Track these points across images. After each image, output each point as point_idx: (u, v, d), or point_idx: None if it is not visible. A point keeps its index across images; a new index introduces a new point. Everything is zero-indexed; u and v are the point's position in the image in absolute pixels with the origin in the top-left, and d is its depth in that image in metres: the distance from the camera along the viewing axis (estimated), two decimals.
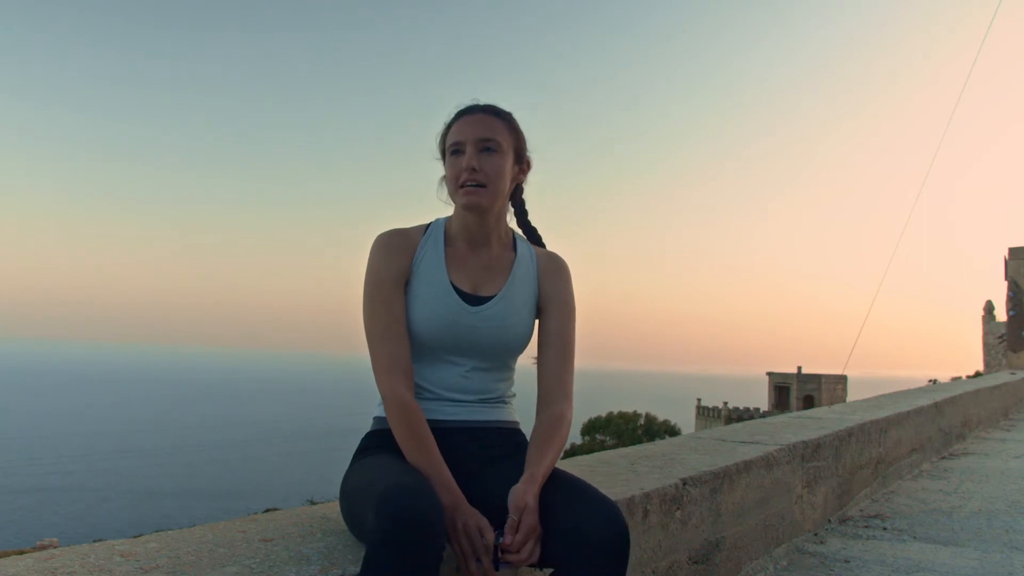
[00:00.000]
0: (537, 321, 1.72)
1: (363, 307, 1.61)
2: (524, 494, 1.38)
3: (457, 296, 1.62)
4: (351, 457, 1.64)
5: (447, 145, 1.64)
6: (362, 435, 1.67)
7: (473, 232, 1.66)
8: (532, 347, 1.73)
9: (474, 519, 1.37)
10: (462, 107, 1.66)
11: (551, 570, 1.37)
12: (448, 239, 1.68)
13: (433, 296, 1.61)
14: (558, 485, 1.46)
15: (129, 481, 75.36)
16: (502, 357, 1.66)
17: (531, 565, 1.42)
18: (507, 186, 1.65)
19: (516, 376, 1.75)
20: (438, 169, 1.68)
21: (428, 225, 1.70)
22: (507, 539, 1.34)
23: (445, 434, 1.59)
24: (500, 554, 1.34)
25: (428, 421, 1.58)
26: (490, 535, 1.35)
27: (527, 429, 1.67)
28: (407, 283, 1.63)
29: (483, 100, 1.67)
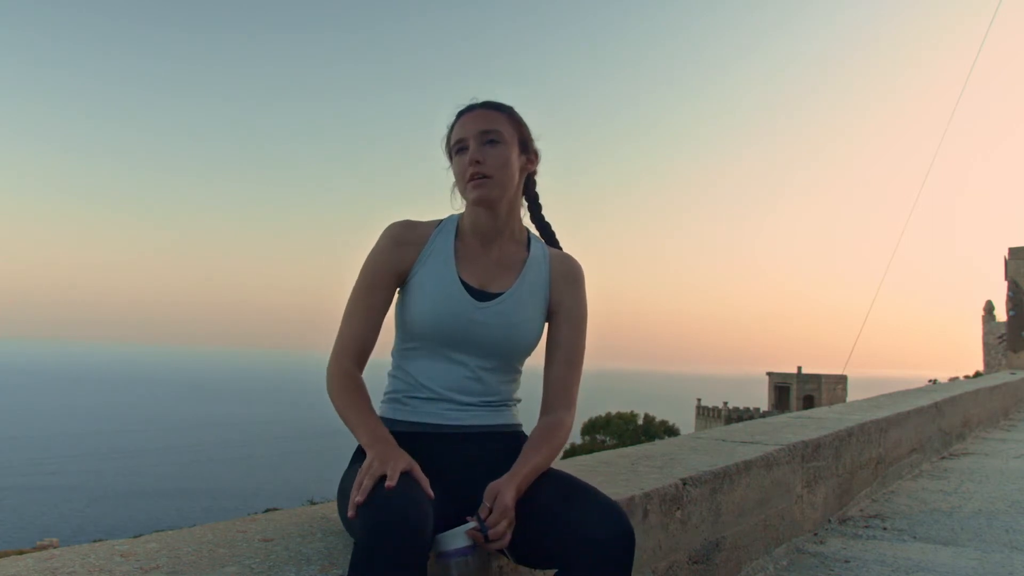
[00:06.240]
0: (547, 326, 1.69)
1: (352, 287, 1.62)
2: (499, 485, 1.38)
3: (464, 290, 1.59)
4: (350, 457, 1.63)
5: (451, 144, 1.63)
6: None
7: (484, 227, 1.63)
8: (541, 348, 1.69)
9: (403, 461, 1.33)
10: (462, 107, 1.65)
11: (554, 571, 1.36)
12: (459, 234, 1.66)
13: (439, 289, 1.58)
14: (559, 486, 1.44)
15: (129, 481, 75.32)
16: (508, 357, 1.63)
17: (535, 566, 1.42)
18: (515, 176, 1.62)
19: (523, 381, 1.71)
20: (438, 169, 1.68)
21: (441, 220, 1.68)
22: (483, 513, 1.34)
23: (444, 439, 1.57)
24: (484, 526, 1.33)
25: (426, 425, 1.57)
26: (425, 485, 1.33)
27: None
28: (413, 276, 1.60)
29: (482, 98, 1.65)
